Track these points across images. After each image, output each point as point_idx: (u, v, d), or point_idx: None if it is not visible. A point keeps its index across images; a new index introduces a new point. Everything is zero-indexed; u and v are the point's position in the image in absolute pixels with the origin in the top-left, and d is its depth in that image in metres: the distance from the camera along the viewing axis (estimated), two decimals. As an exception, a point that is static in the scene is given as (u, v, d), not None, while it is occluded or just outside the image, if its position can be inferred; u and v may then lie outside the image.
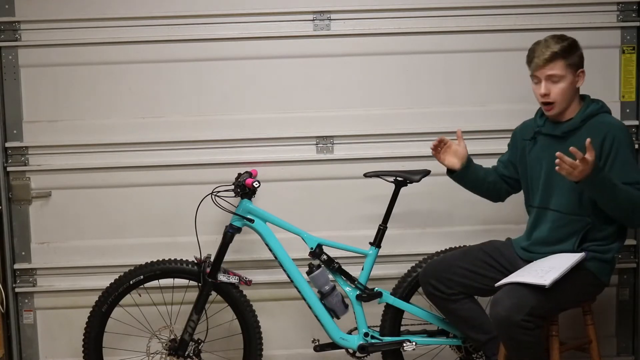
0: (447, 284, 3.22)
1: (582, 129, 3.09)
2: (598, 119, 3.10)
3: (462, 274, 3.22)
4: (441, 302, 3.28)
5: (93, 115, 3.79)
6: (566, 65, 3.06)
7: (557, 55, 3.05)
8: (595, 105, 3.14)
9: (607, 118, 3.12)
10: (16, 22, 3.73)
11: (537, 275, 2.91)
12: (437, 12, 3.78)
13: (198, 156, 3.81)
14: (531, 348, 2.91)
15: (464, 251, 3.33)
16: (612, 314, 3.92)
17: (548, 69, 3.06)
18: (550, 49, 3.06)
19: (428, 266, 3.34)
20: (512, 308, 2.86)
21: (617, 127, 3.07)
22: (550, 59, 3.05)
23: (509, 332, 2.89)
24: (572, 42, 3.10)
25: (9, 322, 3.82)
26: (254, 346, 3.55)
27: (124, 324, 3.68)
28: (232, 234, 3.45)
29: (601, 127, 3.06)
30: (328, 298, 3.44)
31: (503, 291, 2.94)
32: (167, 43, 3.76)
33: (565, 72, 3.06)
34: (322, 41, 3.78)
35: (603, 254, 3.06)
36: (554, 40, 3.09)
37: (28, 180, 3.81)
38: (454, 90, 3.81)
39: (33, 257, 3.85)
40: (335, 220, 3.83)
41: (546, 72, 3.07)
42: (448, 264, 3.26)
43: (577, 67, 3.10)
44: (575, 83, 3.10)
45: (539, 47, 3.09)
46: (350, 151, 3.83)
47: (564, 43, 3.07)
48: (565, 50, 3.06)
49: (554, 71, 3.06)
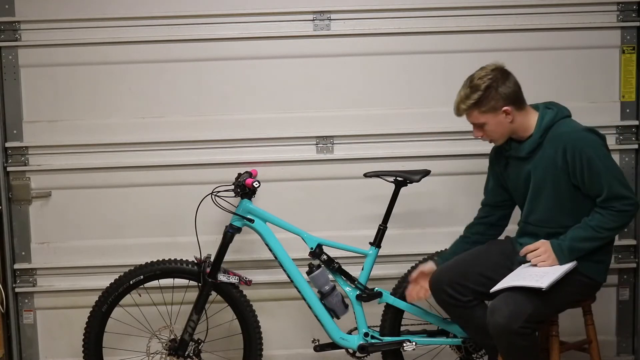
0: (463, 292, 3.14)
1: (544, 143, 3.04)
2: (555, 130, 3.03)
3: (478, 281, 3.13)
4: (455, 309, 3.19)
5: (93, 115, 3.79)
6: (481, 113, 3.03)
7: (467, 110, 3.05)
8: (550, 113, 3.06)
9: (563, 127, 3.03)
10: (16, 22, 3.73)
11: (533, 280, 2.90)
12: (437, 12, 3.78)
13: (198, 156, 3.81)
14: (528, 351, 2.91)
15: (475, 255, 3.24)
16: (612, 314, 3.92)
17: (468, 118, 3.08)
18: (460, 104, 3.05)
19: (440, 274, 3.22)
20: (510, 316, 2.85)
21: (572, 137, 2.98)
22: (463, 113, 3.07)
23: (507, 339, 2.88)
24: (485, 87, 3.00)
25: (9, 322, 3.82)
26: (254, 346, 3.55)
27: (124, 324, 3.68)
28: (232, 234, 3.45)
29: (559, 140, 3.00)
30: (328, 298, 3.44)
31: (500, 299, 2.92)
32: (167, 43, 3.76)
33: (484, 119, 3.04)
34: (322, 41, 3.78)
35: (594, 256, 3.03)
36: (464, 94, 3.04)
37: (28, 180, 3.81)
38: (454, 90, 3.77)
39: (33, 257, 3.85)
40: (335, 220, 3.83)
41: (469, 120, 3.09)
42: (463, 271, 3.16)
43: (498, 108, 3.01)
44: (503, 120, 3.03)
45: (457, 95, 3.08)
46: (350, 151, 3.83)
47: (472, 96, 3.01)
48: (473, 104, 3.02)
49: (473, 120, 3.07)
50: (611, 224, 2.96)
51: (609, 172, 2.96)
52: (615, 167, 3.00)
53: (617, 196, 2.94)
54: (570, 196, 3.02)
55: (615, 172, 2.99)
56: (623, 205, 2.95)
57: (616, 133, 3.81)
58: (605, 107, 3.81)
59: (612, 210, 2.95)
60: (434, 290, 3.23)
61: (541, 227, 3.09)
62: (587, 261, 3.02)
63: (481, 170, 3.76)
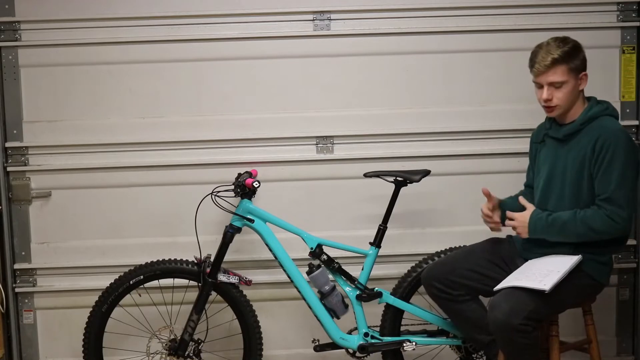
0: (452, 286, 3.19)
1: (582, 132, 3.05)
2: (598, 122, 3.04)
3: (467, 275, 3.19)
4: (446, 303, 3.25)
5: (93, 115, 3.79)
6: (568, 70, 3.00)
7: (558, 61, 2.99)
8: (600, 107, 3.08)
9: (606, 122, 3.05)
10: (16, 22, 3.73)
11: (536, 280, 2.90)
12: (437, 12, 3.78)
13: (198, 156, 3.81)
14: (529, 350, 2.91)
15: (467, 252, 3.30)
16: (612, 314, 3.92)
17: (550, 75, 3.01)
18: (551, 55, 2.99)
19: (430, 268, 3.30)
20: (510, 312, 2.85)
21: (610, 131, 2.99)
22: (551, 64, 3.00)
23: (507, 336, 2.88)
24: (574, 45, 3.03)
25: (9, 322, 3.82)
26: (254, 346, 3.55)
27: (124, 324, 3.68)
28: (232, 234, 3.45)
29: (596, 131, 3.01)
30: (328, 298, 3.44)
31: (500, 295, 2.93)
32: (167, 43, 3.76)
33: (567, 78, 3.01)
34: (322, 41, 3.78)
35: (600, 256, 3.05)
36: (556, 45, 3.01)
37: (28, 180, 3.81)
38: (454, 90, 3.81)
39: (33, 257, 3.85)
40: (335, 220, 3.83)
41: (548, 79, 3.01)
42: (452, 267, 3.23)
43: (580, 70, 3.04)
44: (577, 86, 3.04)
45: (541, 51, 3.03)
46: (350, 151, 3.83)
47: (565, 48, 3.00)
48: (566, 54, 3.00)
49: (556, 77, 3.01)
50: (595, 224, 2.95)
51: (623, 178, 2.95)
52: (631, 180, 2.99)
53: (615, 202, 2.93)
54: (589, 191, 3.02)
55: (629, 183, 2.98)
56: (614, 213, 2.93)
57: (616, 133, 3.81)
58: (605, 107, 3.81)
59: (603, 211, 2.95)
60: (424, 284, 3.30)
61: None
62: (592, 261, 3.03)
63: (481, 170, 3.78)
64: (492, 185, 3.46)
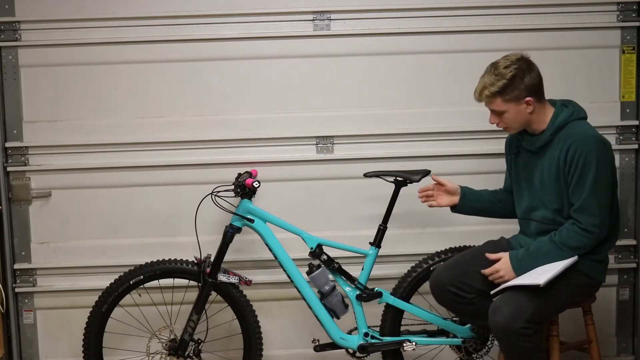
0: (466, 290, 3.13)
1: (554, 141, 3.03)
2: (567, 129, 3.02)
3: (478, 278, 3.12)
4: (461, 306, 3.18)
5: (93, 115, 3.79)
6: (504, 101, 3.00)
7: (489, 96, 3.00)
8: (566, 112, 3.05)
9: (575, 128, 3.02)
10: (16, 22, 3.73)
11: (532, 277, 2.91)
12: (437, 12, 3.78)
13: (198, 156, 3.81)
14: (530, 353, 2.91)
15: (473, 255, 3.25)
16: (612, 314, 3.92)
17: (487, 104, 3.05)
18: (485, 89, 3.00)
19: (439, 274, 3.22)
20: (511, 316, 2.86)
21: (580, 139, 2.96)
22: (483, 99, 3.03)
23: (509, 339, 2.89)
24: (512, 76, 2.96)
25: (9, 322, 3.82)
26: (254, 346, 3.55)
27: (124, 324, 3.68)
28: (232, 234, 3.45)
29: (567, 140, 2.99)
30: (328, 298, 3.44)
31: (500, 299, 2.93)
32: (167, 43, 3.76)
33: (505, 107, 3.01)
34: (322, 41, 3.78)
35: (594, 254, 3.04)
36: (491, 78, 2.99)
37: (28, 180, 3.81)
38: (454, 90, 3.81)
39: (33, 257, 3.85)
40: (335, 220, 3.83)
41: (488, 106, 3.06)
42: (463, 269, 3.16)
43: (521, 98, 2.99)
44: (524, 110, 3.01)
45: (481, 79, 3.04)
46: (350, 151, 3.83)
47: (499, 82, 2.97)
48: (499, 90, 2.98)
49: (494, 107, 3.04)
50: (574, 242, 2.96)
51: (596, 185, 2.94)
52: (605, 186, 2.97)
53: (587, 210, 2.93)
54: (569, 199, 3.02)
55: (602, 190, 2.96)
56: (588, 224, 2.93)
57: (616, 133, 3.81)
58: (605, 107, 3.80)
59: (577, 226, 2.95)
60: (436, 292, 3.22)
61: (545, 224, 3.09)
62: (587, 260, 3.03)
63: (481, 170, 3.78)
64: (492, 185, 3.47)
